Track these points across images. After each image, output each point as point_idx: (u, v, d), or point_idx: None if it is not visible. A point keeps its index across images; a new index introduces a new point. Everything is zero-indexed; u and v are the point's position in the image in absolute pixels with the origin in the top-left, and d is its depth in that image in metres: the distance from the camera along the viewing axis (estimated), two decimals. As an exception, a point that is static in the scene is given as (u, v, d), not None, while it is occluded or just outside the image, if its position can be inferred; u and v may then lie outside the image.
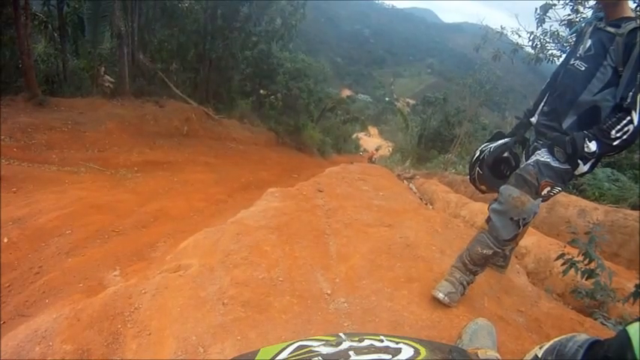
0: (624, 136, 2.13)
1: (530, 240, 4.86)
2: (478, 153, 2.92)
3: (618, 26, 2.19)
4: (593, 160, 2.35)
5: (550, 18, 9.12)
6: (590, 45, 2.33)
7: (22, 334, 2.12)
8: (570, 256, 3.31)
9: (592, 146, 2.19)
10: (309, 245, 3.34)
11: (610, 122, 2.16)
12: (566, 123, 2.39)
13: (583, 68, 2.32)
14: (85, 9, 13.43)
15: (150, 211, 6.29)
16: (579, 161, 2.30)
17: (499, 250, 2.42)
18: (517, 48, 11.21)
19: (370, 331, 2.22)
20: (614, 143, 2.16)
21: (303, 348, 1.30)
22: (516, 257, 4.54)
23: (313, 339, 1.39)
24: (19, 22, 10.07)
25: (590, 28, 2.38)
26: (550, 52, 9.68)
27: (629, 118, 2.10)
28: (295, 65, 21.92)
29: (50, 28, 13.69)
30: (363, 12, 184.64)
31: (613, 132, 2.14)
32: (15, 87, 11.16)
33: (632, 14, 2.27)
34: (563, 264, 3.34)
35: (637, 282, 3.06)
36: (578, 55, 2.40)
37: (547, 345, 1.44)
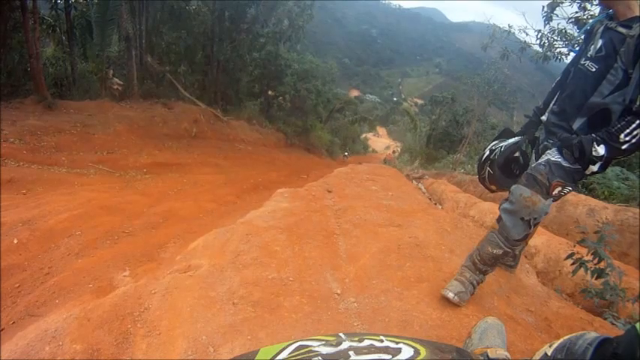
0: (633, 140, 2.08)
1: (540, 239, 4.82)
2: (488, 152, 2.88)
3: (630, 27, 2.12)
4: (603, 161, 2.31)
5: (557, 16, 9.11)
6: (601, 45, 2.26)
7: (32, 334, 2.13)
8: (580, 256, 3.29)
9: (600, 150, 2.15)
10: (319, 245, 3.35)
11: (619, 125, 2.11)
12: (576, 124, 2.34)
13: (594, 69, 2.26)
14: (93, 12, 13.50)
15: (159, 212, 6.31)
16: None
17: (509, 250, 2.40)
18: (525, 46, 11.19)
19: (380, 330, 2.22)
20: (623, 147, 2.11)
21: (303, 348, 1.29)
22: (526, 257, 4.52)
23: (313, 339, 1.38)
24: (28, 26, 10.16)
25: (601, 28, 2.31)
26: (558, 50, 9.66)
27: (638, 121, 2.06)
28: (303, 66, 21.97)
29: (58, 32, 13.83)
30: (370, 12, 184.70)
31: (622, 135, 2.09)
32: (24, 90, 11.28)
33: None
34: (572, 263, 3.31)
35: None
36: (588, 55, 2.33)
37: (557, 343, 1.42)
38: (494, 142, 2.91)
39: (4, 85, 10.88)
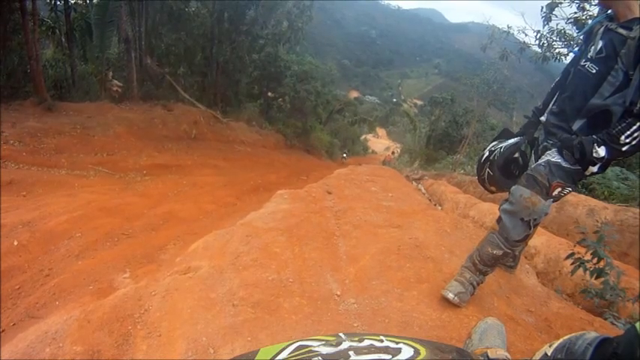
0: (634, 142, 2.08)
1: (540, 240, 4.82)
2: (487, 153, 2.87)
3: (630, 28, 2.11)
4: (603, 162, 2.31)
5: (556, 16, 9.13)
6: (601, 47, 2.24)
7: (33, 336, 2.13)
8: (579, 256, 3.29)
9: (601, 151, 2.15)
10: (319, 246, 3.34)
11: (619, 127, 2.10)
12: (576, 125, 2.34)
13: (594, 71, 2.25)
14: (92, 14, 13.53)
15: (159, 213, 6.31)
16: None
17: (509, 251, 2.40)
18: (524, 47, 11.19)
19: (380, 331, 2.21)
20: (624, 149, 2.11)
21: (303, 348, 1.30)
22: (526, 257, 4.51)
23: (313, 339, 1.38)
24: (27, 28, 10.18)
25: (602, 29, 2.29)
26: (557, 50, 9.66)
27: (639, 124, 2.06)
28: (302, 67, 21.97)
29: (58, 34, 13.84)
30: (369, 13, 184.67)
31: (622, 137, 2.09)
32: (24, 92, 11.28)
33: None
34: (572, 263, 3.31)
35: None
36: (589, 56, 2.31)
37: (557, 343, 1.42)
38: (493, 143, 2.90)
39: (4, 87, 10.88)
